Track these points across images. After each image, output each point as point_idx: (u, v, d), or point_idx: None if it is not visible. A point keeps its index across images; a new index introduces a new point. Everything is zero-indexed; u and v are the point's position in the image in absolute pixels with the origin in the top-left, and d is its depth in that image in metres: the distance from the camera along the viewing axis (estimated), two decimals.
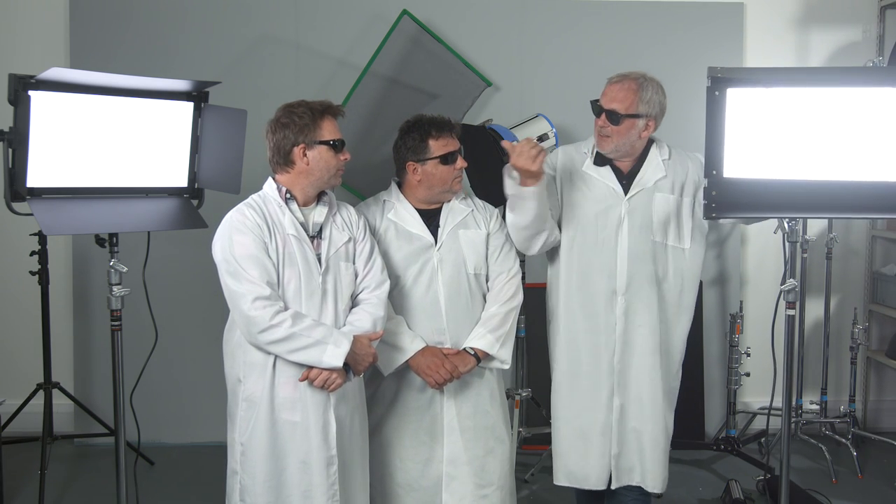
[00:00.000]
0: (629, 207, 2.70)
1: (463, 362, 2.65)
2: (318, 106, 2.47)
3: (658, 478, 2.74)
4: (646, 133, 2.68)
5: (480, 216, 2.80)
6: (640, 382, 2.72)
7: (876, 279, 4.55)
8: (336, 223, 2.56)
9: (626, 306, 2.70)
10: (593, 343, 2.73)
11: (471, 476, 2.70)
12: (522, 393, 3.87)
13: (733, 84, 2.42)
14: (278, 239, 2.42)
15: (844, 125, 2.41)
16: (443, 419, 2.70)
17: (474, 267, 2.73)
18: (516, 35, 4.32)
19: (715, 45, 4.31)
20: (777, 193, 2.48)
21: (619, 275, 2.69)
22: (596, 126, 2.72)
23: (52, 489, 3.71)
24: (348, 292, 2.53)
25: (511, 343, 2.75)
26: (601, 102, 2.69)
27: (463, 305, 2.71)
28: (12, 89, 2.34)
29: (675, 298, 2.75)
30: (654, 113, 2.66)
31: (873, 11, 4.46)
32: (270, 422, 2.42)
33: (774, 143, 2.46)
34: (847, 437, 4.17)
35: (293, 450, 2.43)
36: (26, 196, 2.42)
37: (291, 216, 2.46)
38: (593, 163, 2.76)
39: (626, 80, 2.66)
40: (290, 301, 2.41)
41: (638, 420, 2.72)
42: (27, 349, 4.17)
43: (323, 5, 4.25)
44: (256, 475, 2.43)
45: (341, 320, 2.49)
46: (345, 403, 2.50)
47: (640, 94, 2.63)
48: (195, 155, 2.79)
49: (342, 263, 2.52)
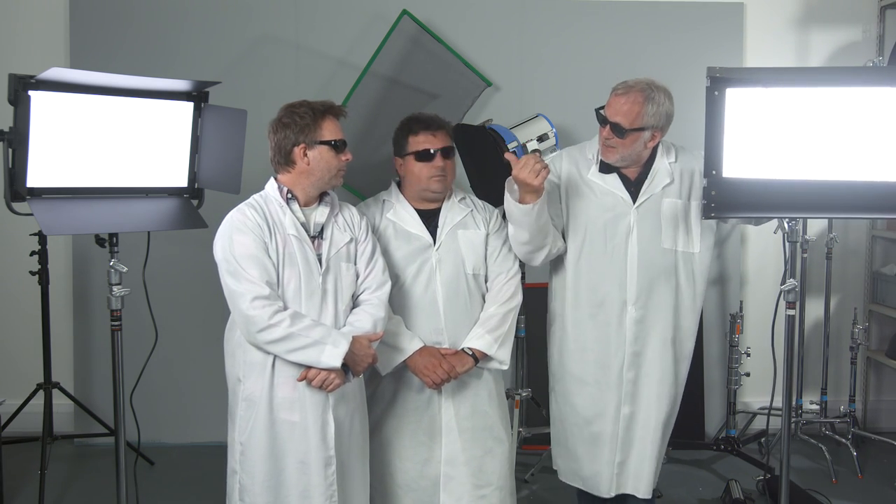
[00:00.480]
0: (638, 216, 2.67)
1: (461, 363, 2.65)
2: (319, 106, 2.47)
3: (650, 484, 2.74)
4: (651, 143, 2.64)
5: (480, 216, 2.79)
6: (651, 391, 2.71)
7: (876, 279, 4.55)
8: (338, 224, 2.56)
9: (637, 316, 2.67)
10: (603, 352, 2.71)
11: (469, 476, 2.70)
12: (522, 393, 3.87)
13: (732, 84, 2.41)
14: (279, 239, 2.42)
15: (843, 125, 2.41)
16: (441, 419, 2.70)
17: (473, 267, 2.73)
18: (516, 35, 4.32)
19: (715, 45, 4.31)
20: (776, 193, 2.47)
21: (630, 284, 2.66)
22: (600, 136, 2.67)
23: (52, 489, 3.71)
24: (349, 293, 2.53)
25: (510, 344, 2.75)
26: (606, 114, 2.62)
27: (461, 306, 2.71)
28: (12, 89, 2.34)
29: (688, 303, 2.73)
30: (660, 124, 2.61)
31: (873, 11, 4.46)
32: (269, 421, 2.42)
33: (773, 143, 2.45)
34: (847, 437, 4.17)
35: (291, 450, 2.43)
36: (26, 196, 2.42)
37: (292, 216, 2.46)
38: (599, 170, 2.72)
39: (631, 91, 2.57)
40: (289, 301, 2.41)
41: (644, 429, 2.72)
42: (27, 349, 4.16)
43: (323, 5, 4.25)
44: (255, 475, 2.43)
45: (341, 321, 2.48)
46: (344, 404, 2.50)
47: (646, 108, 2.55)
48: (195, 155, 2.79)
49: (343, 264, 2.51)
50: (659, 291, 2.68)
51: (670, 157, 2.72)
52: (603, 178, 2.71)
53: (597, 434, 2.74)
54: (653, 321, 2.68)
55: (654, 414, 2.71)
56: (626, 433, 2.72)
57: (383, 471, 2.72)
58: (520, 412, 3.89)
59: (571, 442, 2.81)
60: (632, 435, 2.72)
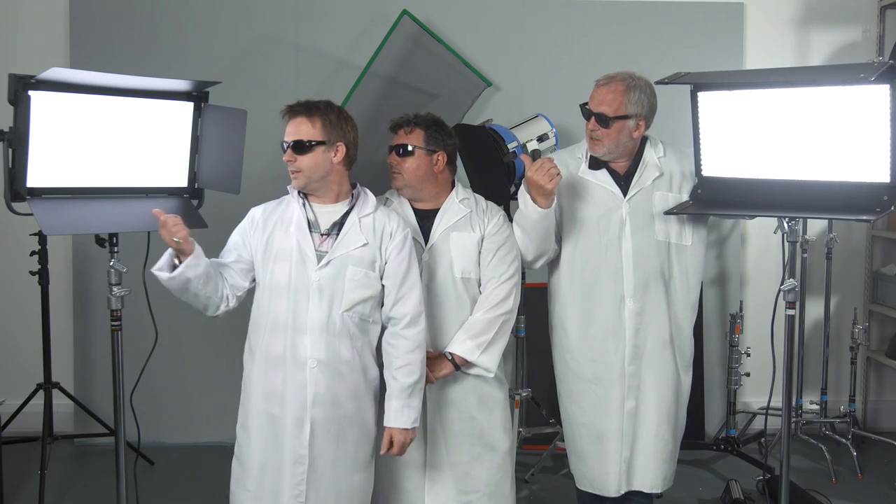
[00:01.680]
0: (630, 209, 2.69)
1: (439, 367, 2.61)
2: (286, 108, 2.49)
3: (658, 477, 2.74)
4: (637, 133, 2.67)
5: (478, 218, 2.71)
6: (653, 383, 2.71)
7: (876, 279, 4.55)
8: (361, 225, 2.49)
9: (635, 308, 2.69)
10: (603, 347, 2.71)
11: (453, 481, 2.67)
12: (522, 393, 3.87)
13: (702, 88, 2.59)
14: (278, 232, 2.46)
15: (811, 125, 2.46)
16: (425, 423, 2.66)
17: (462, 270, 2.66)
18: (516, 35, 4.32)
19: (715, 45, 4.31)
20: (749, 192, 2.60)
21: (626, 277, 2.68)
22: (587, 130, 2.71)
23: (52, 489, 3.71)
24: (353, 297, 2.45)
25: (496, 350, 2.66)
26: (590, 106, 2.68)
27: (448, 309, 2.66)
28: (12, 89, 2.34)
29: (682, 296, 2.74)
30: (643, 113, 2.65)
31: (873, 11, 4.46)
32: (256, 412, 2.46)
33: (745, 143, 2.58)
34: (847, 437, 4.17)
35: (272, 443, 2.44)
36: (26, 196, 2.42)
37: (301, 212, 2.48)
38: (588, 167, 2.75)
39: (613, 81, 2.65)
40: (273, 293, 2.44)
41: (649, 422, 2.72)
42: (27, 349, 4.16)
43: (323, 5, 4.25)
44: (243, 462, 2.49)
45: (335, 322, 2.43)
46: (332, 408, 2.43)
47: (628, 96, 2.62)
48: (195, 155, 2.79)
49: (351, 266, 2.45)
50: (655, 284, 2.69)
51: (659, 152, 2.76)
52: (593, 174, 2.74)
53: (603, 432, 2.74)
54: (650, 313, 2.70)
55: (654, 406, 2.72)
56: (631, 428, 2.72)
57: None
58: (520, 412, 3.88)
59: (580, 443, 2.80)
60: (636, 430, 2.72)
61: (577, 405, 2.79)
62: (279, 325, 2.43)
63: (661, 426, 2.73)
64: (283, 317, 2.43)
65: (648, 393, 2.72)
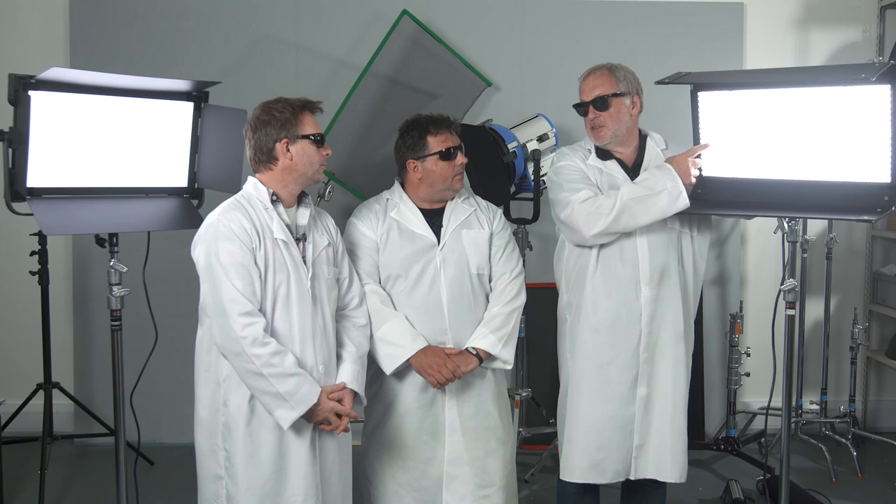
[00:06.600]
0: None
1: (465, 362, 2.64)
2: (296, 102, 2.42)
3: (676, 467, 2.74)
4: (635, 111, 2.73)
5: (484, 216, 2.78)
6: (667, 373, 2.72)
7: (876, 279, 4.55)
8: (317, 226, 2.52)
9: (651, 295, 2.70)
10: (617, 334, 2.72)
11: (472, 476, 2.70)
12: (522, 393, 3.87)
13: (702, 88, 2.61)
14: (267, 243, 2.35)
15: (812, 125, 2.46)
16: (444, 419, 2.69)
17: (477, 267, 2.72)
18: (516, 35, 4.32)
19: (715, 45, 4.31)
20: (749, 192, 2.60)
21: (642, 263, 2.70)
22: (587, 123, 2.74)
23: (52, 489, 3.71)
24: (333, 297, 2.50)
25: (514, 343, 2.74)
26: (582, 99, 2.74)
27: (465, 305, 2.70)
28: (12, 89, 2.35)
29: (690, 285, 2.77)
30: (634, 90, 2.72)
31: (873, 11, 4.46)
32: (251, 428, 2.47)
33: (745, 144, 2.58)
34: (847, 437, 4.17)
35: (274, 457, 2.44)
36: (26, 196, 2.42)
37: (279, 219, 2.39)
38: (596, 156, 2.78)
39: (595, 70, 2.75)
40: (281, 308, 2.35)
41: (663, 409, 2.72)
42: (27, 349, 4.16)
43: (323, 5, 4.25)
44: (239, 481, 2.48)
45: (329, 328, 2.45)
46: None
47: (615, 75, 2.71)
48: (195, 155, 2.79)
49: (325, 267, 2.48)
50: (668, 270, 2.72)
51: (661, 144, 2.83)
52: (603, 163, 2.77)
53: (610, 416, 2.73)
54: (665, 300, 2.71)
55: (670, 396, 2.72)
56: (645, 416, 2.72)
57: (386, 470, 2.72)
58: (520, 412, 3.89)
59: (578, 428, 2.76)
60: (650, 418, 2.73)
61: (580, 391, 2.77)
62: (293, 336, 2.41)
63: (677, 416, 2.73)
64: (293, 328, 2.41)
65: (662, 382, 2.72)
